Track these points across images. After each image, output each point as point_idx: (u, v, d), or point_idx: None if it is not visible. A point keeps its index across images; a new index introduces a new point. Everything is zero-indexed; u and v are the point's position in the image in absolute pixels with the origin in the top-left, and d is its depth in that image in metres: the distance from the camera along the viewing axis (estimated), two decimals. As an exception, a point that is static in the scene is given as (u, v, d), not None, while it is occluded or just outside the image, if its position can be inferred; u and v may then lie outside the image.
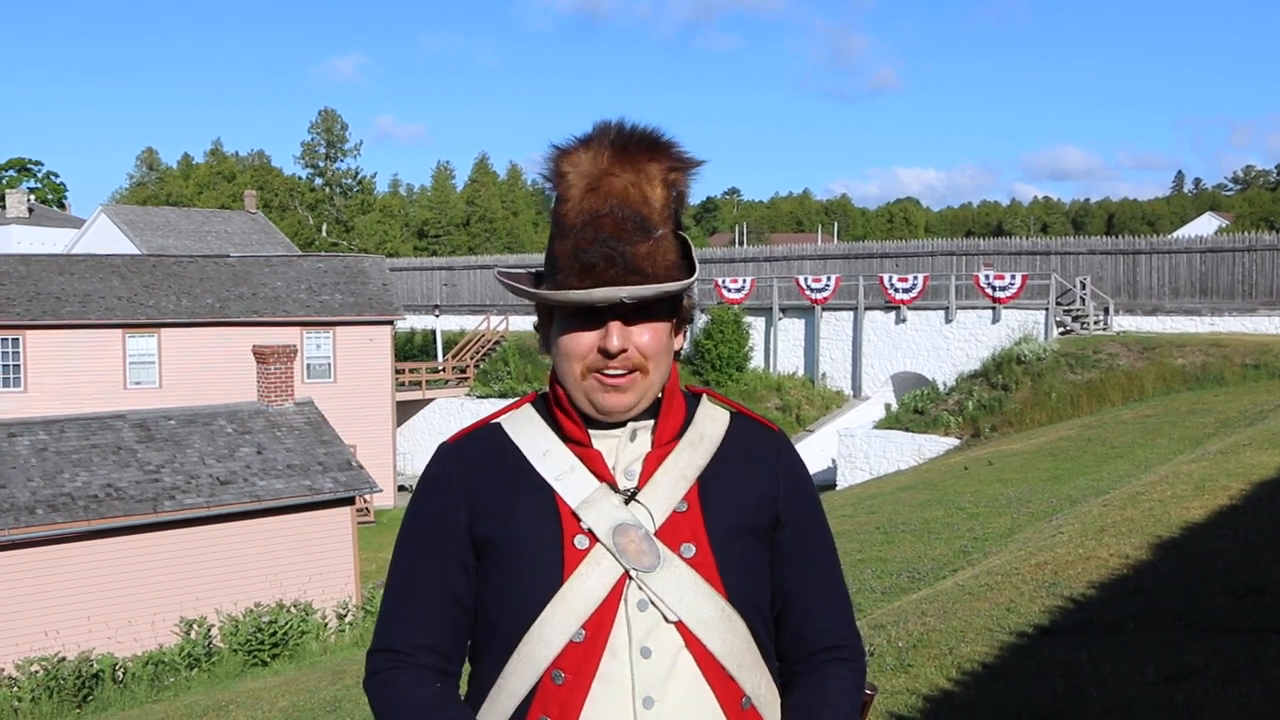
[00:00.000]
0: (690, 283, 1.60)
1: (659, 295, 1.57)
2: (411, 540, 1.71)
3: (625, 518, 1.60)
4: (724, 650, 1.59)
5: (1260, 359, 23.00)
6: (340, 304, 32.04)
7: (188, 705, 12.31)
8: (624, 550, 1.58)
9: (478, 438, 1.73)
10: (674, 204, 1.62)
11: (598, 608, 1.57)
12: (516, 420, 1.73)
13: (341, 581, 18.28)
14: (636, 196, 1.58)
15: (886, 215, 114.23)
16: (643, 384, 1.62)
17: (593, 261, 1.56)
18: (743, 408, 1.76)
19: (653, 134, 1.63)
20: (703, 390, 1.77)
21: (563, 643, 1.57)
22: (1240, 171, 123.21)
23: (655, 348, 1.62)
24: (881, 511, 14.80)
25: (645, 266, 1.56)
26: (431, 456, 1.75)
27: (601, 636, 1.57)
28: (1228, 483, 9.82)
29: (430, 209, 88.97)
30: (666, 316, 1.64)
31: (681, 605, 1.57)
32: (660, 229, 1.59)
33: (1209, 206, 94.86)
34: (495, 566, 1.64)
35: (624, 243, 1.56)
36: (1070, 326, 28.19)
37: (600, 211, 1.57)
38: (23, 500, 16.08)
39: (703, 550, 1.61)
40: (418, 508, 1.72)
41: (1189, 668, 5.21)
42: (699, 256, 17.61)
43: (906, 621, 7.12)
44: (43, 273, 29.55)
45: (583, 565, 1.59)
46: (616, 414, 1.64)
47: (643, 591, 1.58)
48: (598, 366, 1.60)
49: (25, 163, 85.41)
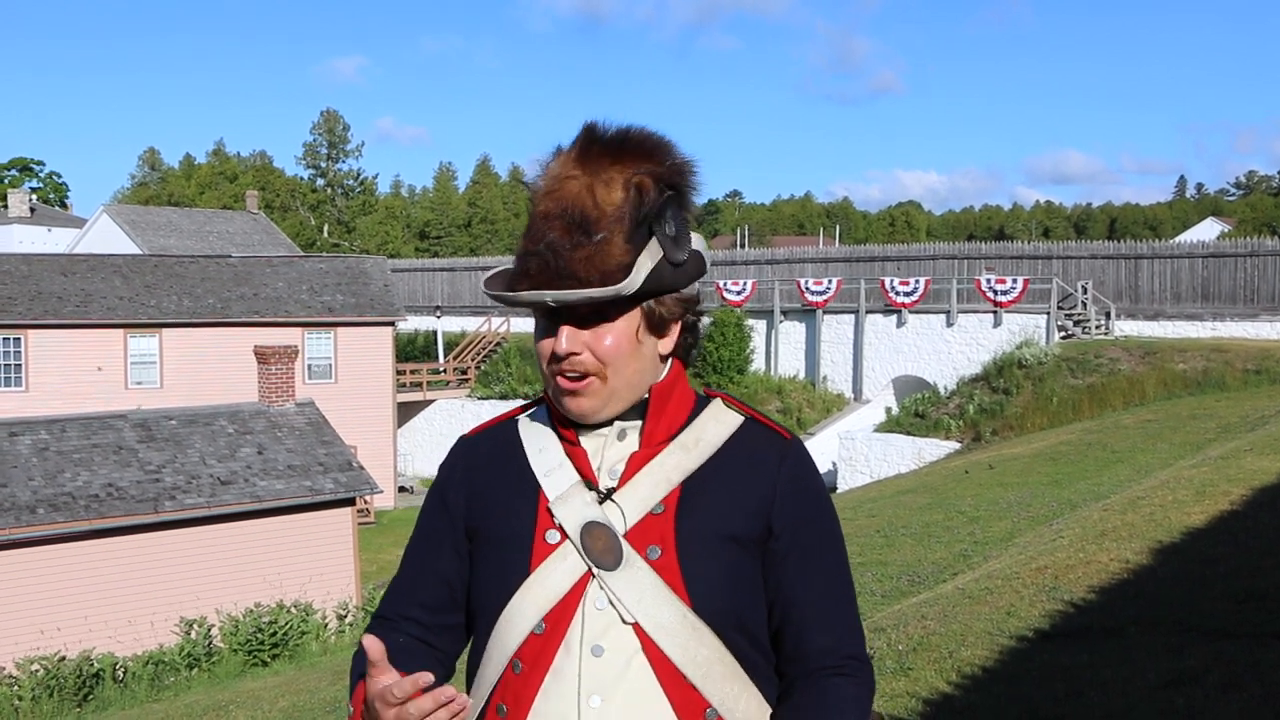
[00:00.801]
0: (622, 288, 1.53)
1: (582, 300, 1.54)
2: (417, 526, 1.79)
3: (596, 515, 1.60)
4: (685, 658, 1.56)
5: (1262, 364, 22.99)
6: (342, 305, 32.06)
7: (188, 705, 12.32)
8: (590, 548, 1.59)
9: (492, 432, 1.78)
10: (634, 207, 1.56)
11: (559, 602, 1.58)
12: (529, 416, 1.77)
13: (342, 582, 18.29)
14: (587, 199, 1.56)
15: (888, 218, 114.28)
16: (603, 390, 1.60)
17: (529, 265, 1.57)
18: (759, 414, 1.72)
19: (621, 136, 1.60)
20: (719, 395, 1.73)
21: (525, 633, 1.59)
22: (1243, 176, 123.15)
23: (614, 352, 1.59)
24: (882, 515, 14.79)
25: (579, 270, 1.54)
26: (450, 449, 1.81)
27: (559, 631, 1.57)
28: (1229, 488, 9.82)
29: (432, 210, 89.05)
30: (623, 319, 1.60)
31: (639, 607, 1.56)
32: (603, 232, 1.55)
33: (1211, 211, 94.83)
34: (480, 557, 1.69)
35: (564, 245, 1.55)
36: (1071, 331, 28.18)
37: (551, 214, 1.57)
38: (24, 499, 16.09)
39: (668, 554, 1.59)
40: (428, 497, 1.79)
41: (1189, 672, 5.21)
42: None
43: (906, 625, 7.12)
44: (44, 272, 29.56)
45: (549, 559, 1.60)
46: (580, 418, 1.64)
47: (603, 590, 1.58)
48: (555, 370, 1.61)
49: (27, 162, 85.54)
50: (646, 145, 1.61)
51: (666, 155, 1.61)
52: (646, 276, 1.56)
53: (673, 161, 1.62)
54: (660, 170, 1.60)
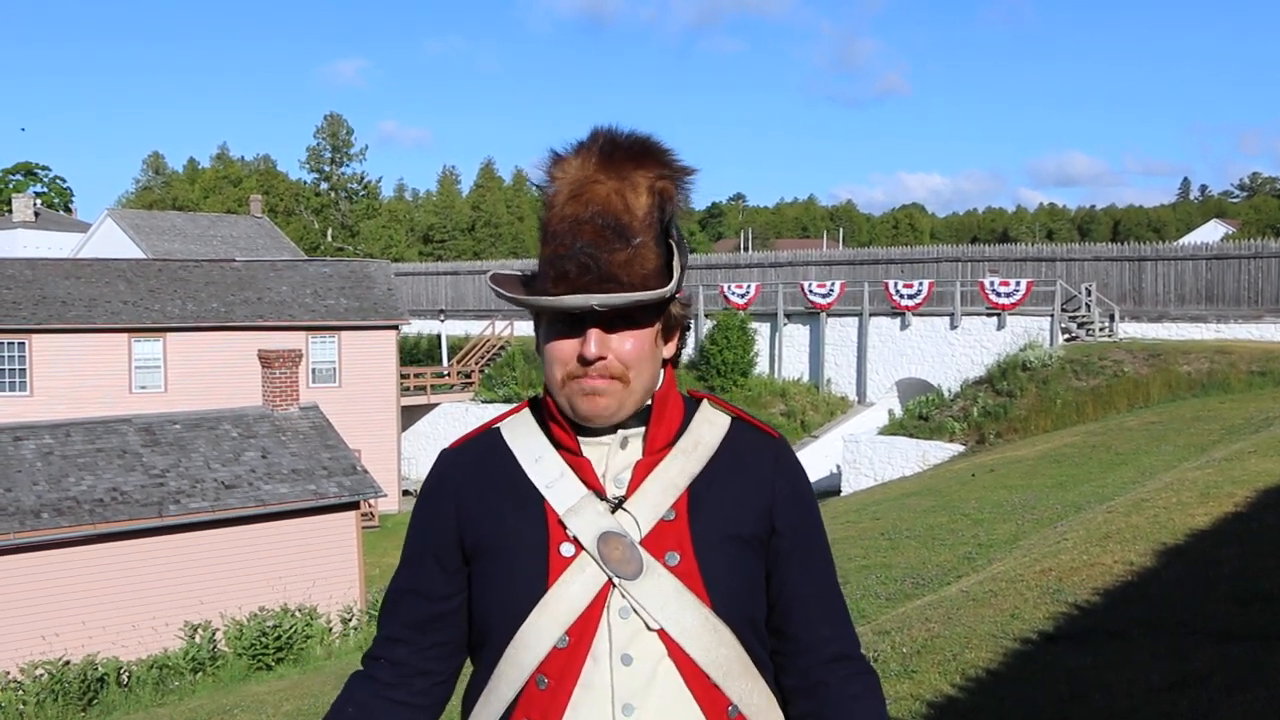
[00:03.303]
0: (666, 291, 1.58)
1: (631, 304, 1.56)
2: (405, 545, 1.77)
3: (611, 525, 1.61)
4: (708, 659, 1.59)
5: (1266, 366, 22.95)
6: (345, 309, 32.09)
7: (192, 709, 12.33)
8: (608, 558, 1.59)
9: (475, 444, 1.75)
10: (659, 212, 1.60)
11: (581, 614, 1.58)
12: (514, 426, 1.75)
13: (346, 585, 18.31)
14: (618, 204, 1.57)
15: (892, 221, 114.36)
16: (622, 392, 1.62)
17: (567, 268, 1.56)
18: (743, 413, 1.75)
19: (641, 141, 1.62)
20: (704, 395, 1.76)
21: (547, 648, 1.58)
22: (1247, 178, 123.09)
23: (636, 356, 1.61)
24: (886, 517, 14.79)
25: (620, 274, 1.55)
26: (433, 463, 1.78)
27: (584, 643, 1.58)
28: (1233, 490, 9.81)
29: (435, 214, 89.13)
30: (650, 324, 1.63)
31: (664, 613, 1.58)
32: (640, 237, 1.57)
33: (1215, 213, 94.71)
34: (486, 572, 1.67)
35: (601, 250, 1.55)
36: (1075, 333, 28.16)
37: (581, 218, 1.57)
38: (28, 504, 16.12)
39: (687, 559, 1.61)
40: (413, 515, 1.77)
41: (1193, 675, 5.21)
42: (704, 261, 17.60)
43: (911, 627, 7.11)
44: (49, 277, 29.62)
45: (567, 572, 1.60)
46: (596, 421, 1.63)
47: (625, 599, 1.58)
48: (577, 374, 1.60)
49: (32, 167, 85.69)
50: (662, 151, 1.63)
51: (676, 161, 1.65)
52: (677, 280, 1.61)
53: (683, 167, 1.65)
54: (676, 175, 1.63)
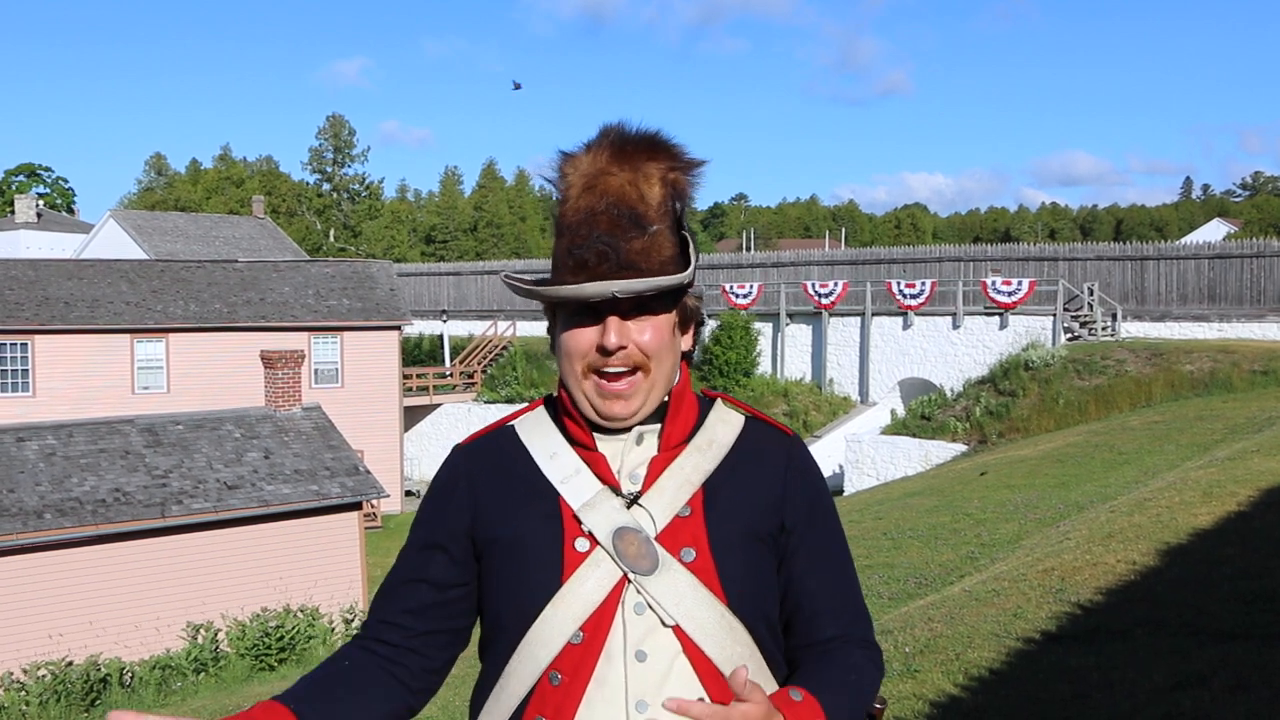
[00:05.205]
0: (684, 277, 1.59)
1: (652, 290, 1.57)
2: (411, 533, 1.76)
3: (626, 521, 1.61)
4: (722, 656, 1.58)
5: (1269, 365, 22.93)
6: (348, 309, 32.11)
7: (195, 709, 12.34)
8: (623, 554, 1.59)
9: (489, 440, 1.76)
10: (672, 202, 1.62)
11: (595, 610, 1.58)
12: (528, 423, 1.75)
13: (348, 586, 18.32)
14: (633, 194, 1.59)
15: (894, 221, 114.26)
16: (644, 385, 1.63)
17: (586, 257, 1.57)
18: (758, 412, 1.76)
19: (652, 135, 1.64)
20: (718, 395, 1.77)
21: (561, 644, 1.58)
22: (1249, 177, 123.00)
23: (656, 345, 1.62)
24: (889, 517, 14.78)
25: (639, 262, 1.57)
26: (445, 458, 1.78)
27: (599, 639, 1.57)
28: (1236, 489, 9.80)
29: (438, 214, 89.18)
30: (666, 313, 1.64)
31: (679, 609, 1.58)
32: (655, 225, 1.59)
33: (1217, 212, 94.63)
34: (499, 567, 1.66)
35: (618, 238, 1.57)
36: (1078, 333, 28.15)
37: (596, 209, 1.59)
38: (31, 505, 16.13)
39: (703, 555, 1.61)
40: (422, 505, 1.76)
41: (1196, 674, 5.20)
42: (707, 261, 17.59)
43: (913, 627, 7.11)
44: (51, 277, 29.65)
45: (582, 567, 1.59)
46: (619, 421, 1.64)
47: (641, 595, 1.58)
48: (597, 365, 1.61)
49: (34, 168, 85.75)
50: (673, 144, 1.66)
51: (687, 154, 1.67)
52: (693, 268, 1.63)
53: (693, 160, 1.67)
54: (687, 168, 1.65)
